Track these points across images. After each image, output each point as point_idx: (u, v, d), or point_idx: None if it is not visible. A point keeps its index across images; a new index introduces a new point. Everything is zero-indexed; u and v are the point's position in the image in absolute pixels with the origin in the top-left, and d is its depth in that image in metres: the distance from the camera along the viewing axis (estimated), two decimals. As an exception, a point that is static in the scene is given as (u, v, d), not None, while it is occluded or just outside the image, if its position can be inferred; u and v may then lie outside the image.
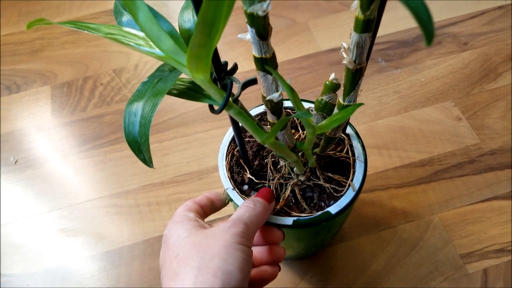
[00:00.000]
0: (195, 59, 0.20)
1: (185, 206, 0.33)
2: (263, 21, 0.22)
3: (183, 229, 0.29)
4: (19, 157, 0.60)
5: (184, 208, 0.33)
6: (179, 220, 0.31)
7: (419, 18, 0.14)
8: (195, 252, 0.27)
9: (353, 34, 0.25)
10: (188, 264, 0.26)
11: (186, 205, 0.33)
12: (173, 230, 0.30)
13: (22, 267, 0.51)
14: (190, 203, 0.33)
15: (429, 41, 0.14)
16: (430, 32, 0.14)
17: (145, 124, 0.23)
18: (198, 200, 0.34)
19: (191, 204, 0.33)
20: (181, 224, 0.30)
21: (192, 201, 0.34)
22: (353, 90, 0.28)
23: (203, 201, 0.34)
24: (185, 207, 0.33)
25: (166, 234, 0.31)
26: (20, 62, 0.71)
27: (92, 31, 0.24)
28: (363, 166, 0.35)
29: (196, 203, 0.34)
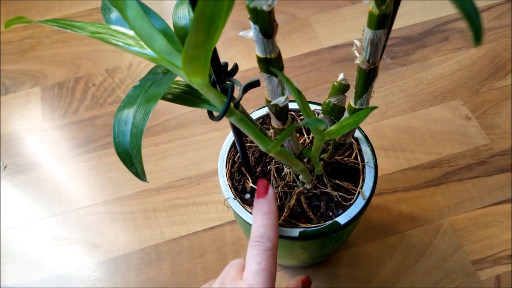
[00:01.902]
0: (191, 61, 0.17)
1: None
2: (268, 17, 0.20)
3: None
4: (8, 162, 0.57)
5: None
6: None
7: (465, 12, 0.11)
8: None
9: (366, 30, 0.23)
10: None
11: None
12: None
13: (15, 278, 0.49)
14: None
15: (477, 39, 0.11)
16: (478, 27, 0.11)
17: (137, 133, 0.21)
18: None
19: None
20: None
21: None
22: (366, 92, 0.26)
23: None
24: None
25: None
26: (9, 62, 0.68)
27: (77, 30, 0.21)
28: (373, 172, 0.33)
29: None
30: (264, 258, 0.27)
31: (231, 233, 0.49)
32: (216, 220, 0.50)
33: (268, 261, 0.27)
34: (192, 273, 0.47)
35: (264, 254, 0.27)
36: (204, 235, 0.49)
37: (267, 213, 0.28)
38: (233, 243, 0.48)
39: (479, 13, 0.11)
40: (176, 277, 0.47)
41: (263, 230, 0.28)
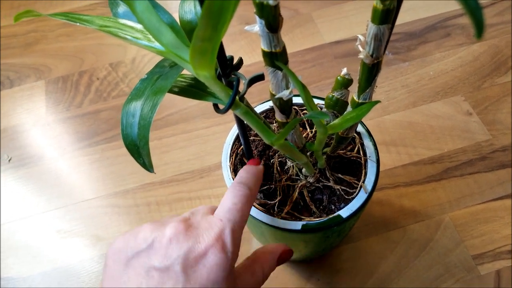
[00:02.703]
0: (199, 55, 0.18)
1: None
2: (274, 12, 0.20)
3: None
4: (13, 155, 0.58)
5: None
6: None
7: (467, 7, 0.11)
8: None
9: (370, 25, 0.23)
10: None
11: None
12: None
13: (17, 270, 0.49)
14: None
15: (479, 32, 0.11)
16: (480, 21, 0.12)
17: (145, 125, 0.21)
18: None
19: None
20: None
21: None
22: (369, 87, 0.26)
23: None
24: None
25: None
26: (13, 56, 0.68)
27: (85, 24, 0.21)
28: (375, 166, 0.34)
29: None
30: (241, 201, 0.26)
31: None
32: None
33: (244, 205, 0.26)
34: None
35: (242, 197, 0.26)
36: (206, 228, 0.50)
37: (252, 173, 0.28)
38: (236, 236, 0.49)
39: (481, 8, 0.12)
40: (179, 270, 0.47)
41: (245, 179, 0.28)
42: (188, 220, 0.25)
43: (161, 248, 0.23)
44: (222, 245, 0.24)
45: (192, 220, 0.25)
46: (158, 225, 0.25)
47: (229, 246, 0.24)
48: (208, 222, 0.25)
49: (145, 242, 0.24)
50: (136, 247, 0.24)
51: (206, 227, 0.25)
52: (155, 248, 0.24)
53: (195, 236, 0.24)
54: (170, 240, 0.24)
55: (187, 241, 0.23)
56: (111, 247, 0.26)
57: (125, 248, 0.25)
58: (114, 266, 0.25)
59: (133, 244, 0.24)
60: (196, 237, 0.24)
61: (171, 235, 0.24)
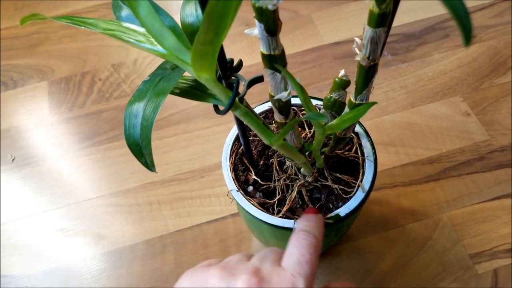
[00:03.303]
0: (200, 58, 0.18)
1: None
2: (273, 16, 0.21)
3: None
4: (16, 154, 0.59)
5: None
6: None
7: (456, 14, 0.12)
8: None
9: (366, 28, 0.24)
10: None
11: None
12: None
13: (20, 268, 0.50)
14: None
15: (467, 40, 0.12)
16: (468, 29, 0.12)
17: (147, 126, 0.22)
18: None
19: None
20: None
21: None
22: (366, 88, 0.26)
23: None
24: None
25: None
26: (17, 57, 0.69)
27: (90, 27, 0.22)
28: (373, 166, 0.34)
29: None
30: (308, 251, 0.25)
31: (234, 225, 0.50)
32: (219, 212, 0.51)
33: (313, 255, 0.25)
34: (196, 264, 0.48)
35: (308, 247, 0.25)
36: (207, 227, 0.50)
37: (315, 221, 0.28)
38: (236, 235, 0.50)
39: (469, 14, 0.12)
40: (180, 268, 0.48)
41: (308, 227, 0.27)
42: (259, 272, 0.24)
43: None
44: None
45: (264, 272, 0.24)
46: (228, 273, 0.24)
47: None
48: (280, 277, 0.24)
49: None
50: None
51: (279, 282, 0.24)
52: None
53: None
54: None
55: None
56: (177, 285, 0.25)
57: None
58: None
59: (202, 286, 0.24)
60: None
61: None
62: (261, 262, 0.25)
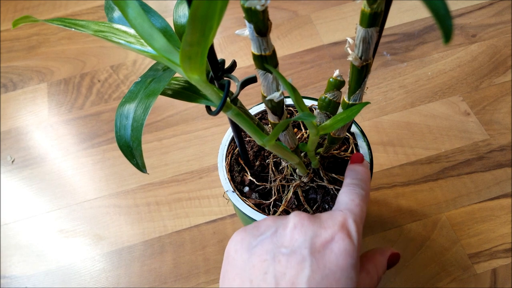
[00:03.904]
0: (188, 59, 0.18)
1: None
2: (262, 16, 0.20)
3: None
4: (16, 156, 0.59)
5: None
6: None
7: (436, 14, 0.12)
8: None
9: (358, 28, 0.24)
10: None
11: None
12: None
13: (21, 269, 0.50)
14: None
15: (447, 39, 0.12)
16: (448, 28, 0.12)
17: (137, 127, 0.22)
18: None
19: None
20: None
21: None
22: (359, 88, 0.26)
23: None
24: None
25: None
26: (16, 59, 0.69)
27: (81, 29, 0.22)
28: (369, 166, 0.34)
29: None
30: (358, 197, 0.26)
31: (232, 226, 0.50)
32: (217, 213, 0.51)
33: (362, 201, 0.26)
34: (194, 264, 0.48)
35: (357, 195, 0.26)
36: (205, 228, 0.50)
37: (361, 173, 0.28)
38: (234, 235, 0.50)
39: (450, 14, 0.12)
40: (179, 269, 0.48)
41: (356, 181, 0.28)
42: (308, 214, 0.25)
43: (286, 234, 0.24)
44: (348, 233, 0.23)
45: (315, 214, 0.26)
46: (279, 217, 0.25)
47: (355, 234, 0.24)
48: (329, 214, 0.25)
49: (268, 229, 0.24)
50: (260, 235, 0.24)
51: (328, 216, 0.25)
52: (280, 235, 0.24)
53: (319, 223, 0.24)
54: (294, 226, 0.24)
55: (312, 226, 0.24)
56: (232, 240, 0.26)
57: (248, 238, 0.25)
58: (236, 256, 0.24)
59: (256, 233, 0.25)
60: (320, 223, 0.24)
61: (296, 222, 0.24)
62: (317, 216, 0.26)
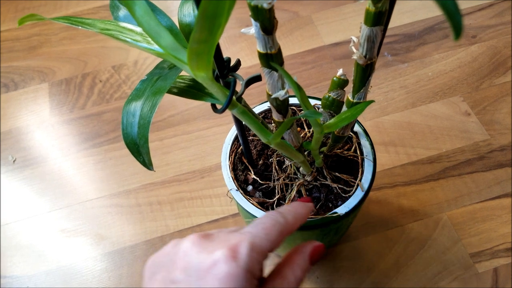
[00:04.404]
0: (195, 56, 0.19)
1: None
2: (268, 14, 0.21)
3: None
4: (17, 156, 0.59)
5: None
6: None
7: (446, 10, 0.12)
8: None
9: (363, 27, 0.24)
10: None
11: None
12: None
13: (22, 268, 0.50)
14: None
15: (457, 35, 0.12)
16: (458, 24, 0.12)
17: (144, 125, 0.22)
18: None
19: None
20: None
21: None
22: (363, 87, 0.27)
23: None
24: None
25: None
26: (18, 59, 0.69)
27: (87, 27, 0.22)
28: (372, 165, 0.34)
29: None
30: (271, 224, 0.24)
31: (234, 225, 0.50)
32: (219, 213, 0.51)
33: (273, 227, 0.24)
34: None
35: (273, 221, 0.25)
36: (208, 227, 0.50)
37: (295, 207, 0.27)
38: (236, 235, 0.50)
39: (460, 11, 0.13)
40: (181, 268, 0.48)
41: (285, 210, 0.26)
42: (210, 235, 0.24)
43: (176, 261, 0.24)
44: (233, 255, 0.22)
45: (215, 235, 0.25)
46: (179, 240, 0.25)
47: (243, 257, 0.22)
48: (228, 235, 0.24)
49: (167, 256, 0.24)
50: (159, 262, 0.25)
51: (224, 240, 0.24)
52: (172, 261, 0.24)
53: (210, 247, 0.23)
54: (184, 253, 0.23)
55: (201, 253, 0.23)
56: (145, 265, 0.26)
57: (152, 264, 0.25)
58: (144, 282, 0.25)
59: (157, 260, 0.25)
60: (210, 248, 0.23)
61: (186, 248, 0.24)
62: (220, 231, 0.25)
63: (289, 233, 0.25)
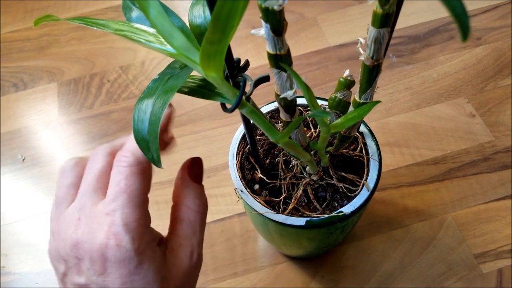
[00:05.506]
0: (208, 57, 0.19)
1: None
2: (279, 16, 0.21)
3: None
4: (26, 155, 0.60)
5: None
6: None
7: (453, 12, 0.13)
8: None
9: (370, 29, 0.24)
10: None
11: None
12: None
13: (30, 266, 0.51)
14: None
15: (465, 36, 0.13)
16: (466, 26, 0.13)
17: (155, 121, 0.22)
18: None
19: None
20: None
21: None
22: (370, 87, 0.27)
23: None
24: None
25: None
26: (27, 59, 0.70)
27: (101, 28, 0.23)
28: (378, 165, 0.35)
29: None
30: (124, 177, 0.24)
31: (240, 224, 0.51)
32: (225, 212, 0.52)
33: (129, 179, 0.24)
34: (203, 262, 0.49)
35: (124, 171, 0.24)
36: (213, 226, 0.51)
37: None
38: (241, 234, 0.50)
39: (467, 13, 0.13)
40: (187, 266, 0.49)
41: (129, 145, 0.25)
42: (77, 244, 0.24)
43: (73, 263, 0.25)
44: (116, 241, 0.23)
45: (82, 232, 0.24)
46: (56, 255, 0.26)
47: (123, 235, 0.23)
48: (97, 220, 0.24)
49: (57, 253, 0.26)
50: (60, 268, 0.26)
51: (96, 228, 0.24)
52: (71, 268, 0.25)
53: (88, 247, 0.23)
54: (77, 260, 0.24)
55: (89, 258, 0.24)
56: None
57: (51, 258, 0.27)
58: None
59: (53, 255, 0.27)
60: (91, 245, 0.23)
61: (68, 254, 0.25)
62: (81, 209, 0.25)
63: (145, 167, 0.25)
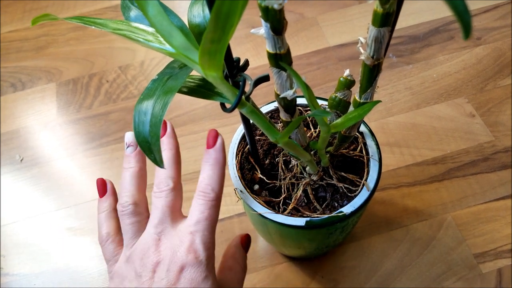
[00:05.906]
0: (208, 56, 0.19)
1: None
2: (279, 15, 0.21)
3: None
4: (24, 155, 0.59)
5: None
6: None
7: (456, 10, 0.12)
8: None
9: (371, 28, 0.24)
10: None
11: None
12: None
13: (30, 267, 0.51)
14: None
15: (466, 34, 0.12)
16: (468, 24, 0.13)
17: (156, 123, 0.22)
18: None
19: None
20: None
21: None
22: (370, 87, 0.27)
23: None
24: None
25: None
26: (25, 59, 0.70)
27: (100, 27, 0.23)
28: (378, 165, 0.34)
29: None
30: (207, 208, 0.29)
31: (239, 225, 0.51)
32: (225, 212, 0.52)
33: (211, 210, 0.29)
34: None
35: (207, 204, 0.29)
36: (213, 227, 0.51)
37: (214, 164, 0.30)
38: (241, 234, 0.50)
39: (469, 11, 0.13)
40: (186, 267, 0.48)
41: (208, 181, 0.30)
42: (159, 263, 0.28)
43: (148, 277, 0.28)
44: (195, 255, 0.27)
45: (164, 247, 0.28)
46: (132, 274, 0.29)
47: (201, 252, 0.28)
48: (179, 238, 0.28)
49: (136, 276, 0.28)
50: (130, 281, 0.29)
51: (178, 244, 0.28)
52: (143, 278, 0.28)
53: (168, 260, 0.28)
54: (153, 271, 0.28)
55: (166, 269, 0.27)
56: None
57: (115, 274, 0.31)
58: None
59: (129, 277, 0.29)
60: (171, 258, 0.27)
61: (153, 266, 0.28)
62: (162, 222, 0.30)
63: (219, 199, 0.30)
